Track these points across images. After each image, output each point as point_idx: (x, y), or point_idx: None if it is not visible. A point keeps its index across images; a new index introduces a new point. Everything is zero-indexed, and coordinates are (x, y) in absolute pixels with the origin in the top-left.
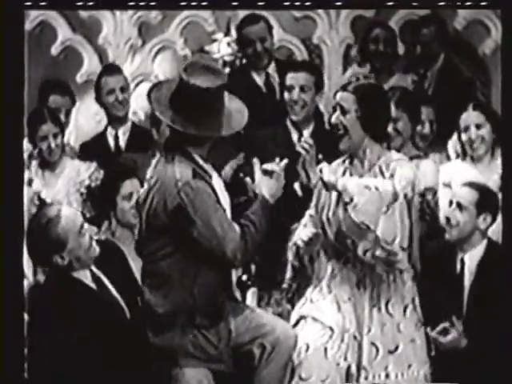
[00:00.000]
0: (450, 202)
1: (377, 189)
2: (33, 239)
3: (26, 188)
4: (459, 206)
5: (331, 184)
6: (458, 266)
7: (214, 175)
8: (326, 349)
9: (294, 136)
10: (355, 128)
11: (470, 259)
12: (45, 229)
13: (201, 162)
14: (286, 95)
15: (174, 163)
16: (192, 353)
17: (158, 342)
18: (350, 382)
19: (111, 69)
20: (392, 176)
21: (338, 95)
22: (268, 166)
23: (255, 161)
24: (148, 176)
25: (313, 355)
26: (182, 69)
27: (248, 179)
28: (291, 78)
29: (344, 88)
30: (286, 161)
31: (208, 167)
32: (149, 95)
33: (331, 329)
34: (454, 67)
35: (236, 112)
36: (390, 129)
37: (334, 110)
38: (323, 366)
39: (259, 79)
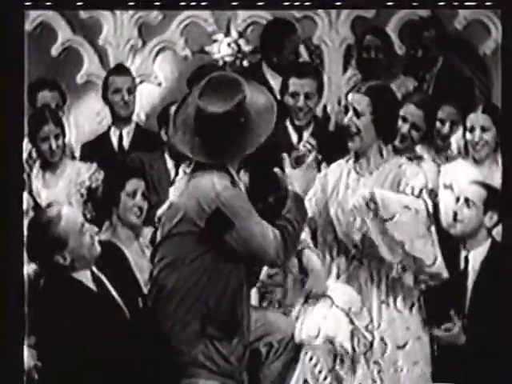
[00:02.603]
0: (457, 199)
1: (416, 211)
2: (33, 239)
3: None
4: (467, 201)
5: (370, 197)
6: (462, 265)
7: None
8: (333, 299)
9: (294, 138)
10: (368, 130)
11: (474, 258)
12: (45, 229)
13: (235, 176)
14: (290, 101)
15: (213, 173)
16: (203, 363)
17: (167, 351)
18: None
19: (120, 69)
20: (410, 189)
21: (351, 96)
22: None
23: (284, 155)
24: (175, 190)
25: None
26: (198, 93)
27: (280, 172)
28: (295, 84)
29: (357, 89)
30: (315, 153)
31: (240, 182)
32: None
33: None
34: (453, 69)
35: (260, 113)
36: (406, 132)
37: (346, 110)
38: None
39: (275, 82)
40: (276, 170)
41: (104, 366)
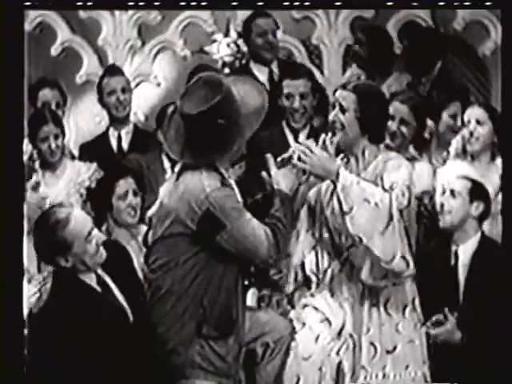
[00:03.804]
0: (444, 191)
1: (376, 204)
2: (39, 237)
3: (30, 193)
4: (452, 192)
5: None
6: (452, 260)
7: (236, 191)
8: (318, 336)
9: (290, 138)
10: (353, 127)
11: (464, 252)
12: (51, 229)
13: (226, 176)
14: (286, 103)
15: (202, 173)
16: (199, 363)
17: (163, 352)
18: (341, 378)
19: (112, 70)
20: (389, 183)
21: (338, 93)
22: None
23: (268, 156)
24: (165, 190)
25: (303, 334)
26: (181, 93)
27: (265, 174)
28: (289, 85)
29: (344, 86)
30: (298, 152)
31: (232, 182)
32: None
33: (329, 321)
34: (450, 73)
35: (249, 115)
36: (394, 127)
37: (333, 107)
38: (310, 346)
39: (262, 75)
40: (263, 174)
41: (100, 366)
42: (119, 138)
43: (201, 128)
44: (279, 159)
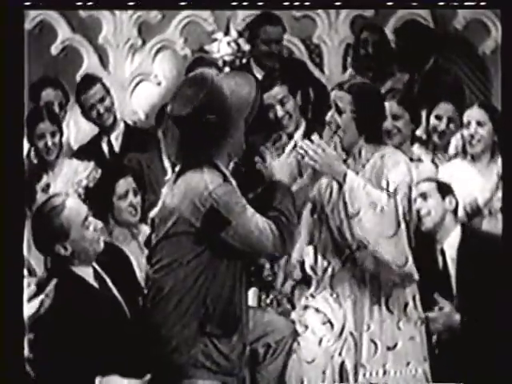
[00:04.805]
0: (415, 199)
1: (382, 209)
2: (36, 226)
3: (40, 194)
4: (423, 196)
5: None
6: (440, 258)
7: (236, 188)
8: (321, 339)
9: (285, 138)
10: (350, 128)
11: (449, 247)
12: (47, 217)
13: (227, 173)
14: (270, 114)
15: (203, 171)
16: (203, 362)
17: (166, 352)
18: (344, 378)
19: (85, 82)
20: (392, 186)
21: (334, 93)
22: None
23: (263, 148)
24: (166, 191)
25: (306, 337)
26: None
27: (261, 167)
28: (269, 97)
29: (340, 87)
30: (295, 139)
31: (232, 180)
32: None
33: (331, 323)
34: (443, 69)
35: (240, 105)
36: (389, 125)
37: (329, 107)
38: (313, 349)
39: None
40: (259, 164)
41: (103, 366)
42: (110, 143)
43: (192, 127)
44: (274, 148)
